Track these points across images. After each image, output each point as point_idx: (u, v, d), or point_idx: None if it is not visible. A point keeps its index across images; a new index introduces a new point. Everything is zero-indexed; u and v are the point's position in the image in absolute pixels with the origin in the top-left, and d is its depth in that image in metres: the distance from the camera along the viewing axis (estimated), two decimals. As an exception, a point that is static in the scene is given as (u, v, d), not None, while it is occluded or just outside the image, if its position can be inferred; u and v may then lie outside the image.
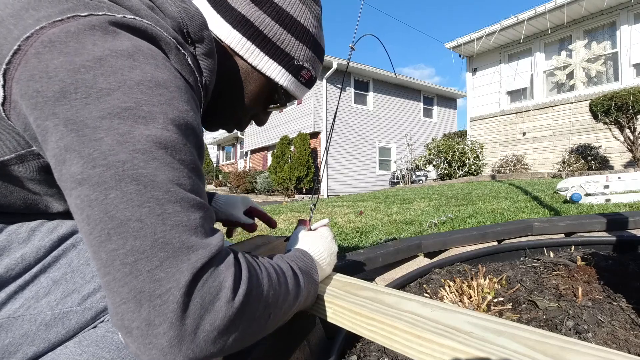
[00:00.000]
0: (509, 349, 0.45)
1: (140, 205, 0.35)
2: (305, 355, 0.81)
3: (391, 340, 0.54)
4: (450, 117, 17.31)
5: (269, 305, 0.44)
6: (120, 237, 0.34)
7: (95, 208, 0.34)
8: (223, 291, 0.37)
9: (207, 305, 0.35)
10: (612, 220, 1.51)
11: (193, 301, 0.34)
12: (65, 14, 0.39)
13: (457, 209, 3.04)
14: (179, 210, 0.36)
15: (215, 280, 0.36)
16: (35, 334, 0.44)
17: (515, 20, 8.42)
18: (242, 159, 20.82)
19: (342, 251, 1.71)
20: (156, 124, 0.38)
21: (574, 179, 3.03)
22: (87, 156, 0.35)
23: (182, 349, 0.34)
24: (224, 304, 0.36)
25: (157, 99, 0.39)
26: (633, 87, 6.04)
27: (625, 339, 0.75)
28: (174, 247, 0.35)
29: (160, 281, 0.34)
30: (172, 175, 0.37)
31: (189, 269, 0.35)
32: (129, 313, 0.33)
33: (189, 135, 0.41)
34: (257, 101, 0.67)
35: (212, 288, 0.36)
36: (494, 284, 1.05)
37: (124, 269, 0.33)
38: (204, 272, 0.36)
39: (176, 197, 0.36)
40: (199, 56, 0.54)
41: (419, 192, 5.75)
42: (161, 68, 0.41)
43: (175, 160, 0.38)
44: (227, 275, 0.38)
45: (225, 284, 0.37)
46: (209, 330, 0.35)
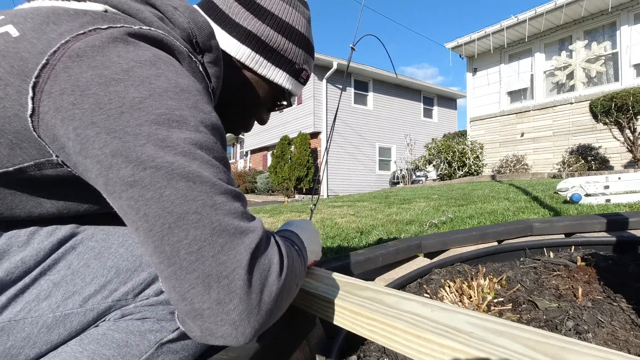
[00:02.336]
0: (509, 349, 0.45)
1: (194, 199, 0.38)
2: (305, 355, 0.81)
3: (391, 340, 0.54)
4: (451, 118, 17.31)
5: (297, 277, 0.50)
6: (181, 229, 0.37)
7: (152, 206, 0.37)
8: (273, 266, 0.41)
9: (264, 280, 0.40)
10: (612, 221, 1.51)
11: (254, 277, 0.39)
12: (86, 27, 0.41)
13: (457, 209, 3.04)
14: (226, 200, 0.40)
15: (266, 258, 0.41)
16: (37, 336, 0.44)
17: (515, 20, 8.42)
18: (242, 158, 20.83)
19: (342, 251, 1.70)
20: (189, 126, 0.41)
21: (574, 180, 3.03)
22: (136, 159, 0.37)
23: (251, 320, 0.39)
24: (275, 278, 0.41)
25: (184, 104, 0.42)
26: (633, 88, 6.04)
27: (625, 339, 0.75)
28: (229, 232, 0.38)
29: (225, 263, 0.37)
30: (213, 171, 0.40)
31: (247, 250, 0.39)
32: (199, 296, 0.37)
33: (217, 134, 0.45)
34: (265, 105, 0.72)
35: (265, 265, 0.41)
36: (494, 284, 1.05)
37: (190, 257, 0.36)
38: (258, 251, 0.40)
39: (221, 189, 0.40)
40: (207, 64, 0.57)
41: (419, 192, 5.75)
42: (181, 74, 0.44)
43: (211, 158, 0.41)
44: (273, 253, 0.43)
45: (274, 260, 0.42)
46: (267, 301, 0.40)
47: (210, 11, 0.65)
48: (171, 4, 0.54)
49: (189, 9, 0.55)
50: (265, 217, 3.92)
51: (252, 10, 0.64)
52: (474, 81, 10.09)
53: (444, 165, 9.48)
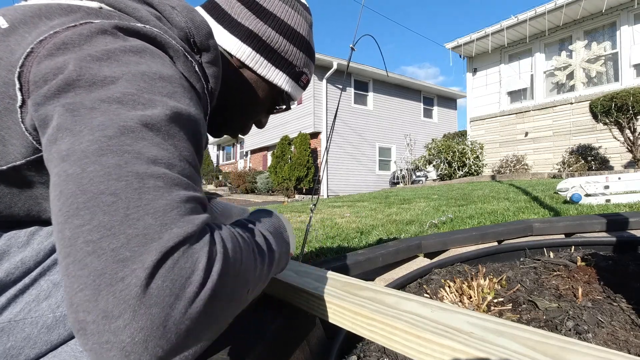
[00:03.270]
0: (509, 349, 0.45)
1: (118, 178, 0.32)
2: (305, 355, 0.81)
3: (391, 340, 0.54)
4: (451, 118, 17.31)
5: (248, 282, 0.40)
6: (88, 211, 0.30)
7: (70, 183, 0.31)
8: (196, 273, 0.31)
9: (177, 291, 0.30)
10: (612, 221, 1.51)
11: (161, 286, 0.29)
12: (78, 21, 0.40)
13: (457, 209, 3.04)
14: (161, 185, 0.33)
15: (187, 261, 0.31)
16: (37, 337, 0.44)
17: (515, 20, 8.43)
18: (242, 159, 20.83)
19: (342, 251, 1.70)
20: (154, 109, 0.37)
21: (574, 180, 3.03)
22: (78, 133, 0.33)
23: (149, 346, 0.28)
24: (195, 289, 0.31)
25: (159, 90, 0.39)
26: (633, 88, 6.04)
27: (625, 340, 0.75)
28: (145, 224, 0.31)
29: (125, 262, 0.29)
30: (161, 155, 0.35)
31: (158, 248, 0.30)
32: (85, 303, 0.28)
33: (188, 127, 0.41)
34: (263, 107, 0.72)
35: (184, 270, 0.31)
36: (494, 285, 1.05)
37: (87, 247, 0.29)
38: (175, 251, 0.31)
39: (159, 172, 0.34)
40: (205, 64, 0.56)
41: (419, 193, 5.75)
42: (167, 66, 0.42)
43: (166, 143, 0.37)
44: (201, 255, 0.32)
45: (199, 265, 0.32)
46: (179, 320, 0.30)
47: (212, 10, 0.65)
48: (169, 3, 0.53)
49: (186, 9, 0.54)
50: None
51: (254, 10, 0.65)
52: (474, 81, 10.09)
53: (444, 166, 9.48)
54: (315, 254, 1.67)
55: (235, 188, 15.29)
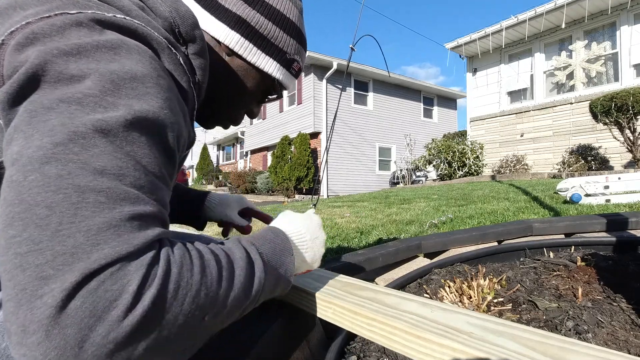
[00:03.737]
0: (509, 349, 0.45)
1: (56, 190, 0.31)
2: (305, 355, 0.81)
3: (391, 340, 0.54)
4: (451, 118, 17.31)
5: (202, 307, 0.37)
6: (22, 222, 0.30)
7: (12, 190, 0.31)
8: (123, 296, 0.30)
9: (99, 313, 0.29)
10: (612, 221, 1.51)
11: (80, 306, 0.28)
12: (53, 11, 0.38)
13: (457, 209, 3.04)
14: (102, 201, 0.32)
15: (115, 284, 0.30)
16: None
17: (515, 20, 8.43)
18: (242, 159, 20.83)
19: (342, 251, 1.70)
20: (114, 113, 0.35)
21: (574, 180, 3.03)
22: (29, 136, 0.32)
23: None
24: (121, 313, 0.30)
25: (125, 92, 0.37)
26: (633, 88, 6.04)
27: (625, 340, 0.75)
28: (75, 241, 0.30)
29: (46, 279, 0.28)
30: (111, 164, 0.34)
31: (82, 268, 0.29)
32: (9, 314, 0.29)
33: (154, 133, 0.39)
34: (254, 96, 0.69)
35: (110, 292, 0.30)
36: (493, 285, 1.05)
37: (15, 259, 0.29)
38: (101, 272, 0.30)
39: (103, 186, 0.32)
40: (191, 55, 0.54)
41: (419, 193, 5.75)
42: (144, 63, 0.40)
43: (121, 150, 0.35)
44: (133, 278, 0.31)
45: (128, 288, 0.31)
46: (100, 343, 0.29)
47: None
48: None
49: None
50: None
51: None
52: (473, 81, 10.10)
53: (444, 166, 9.48)
54: (315, 254, 1.66)
55: (235, 188, 15.29)
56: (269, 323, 0.70)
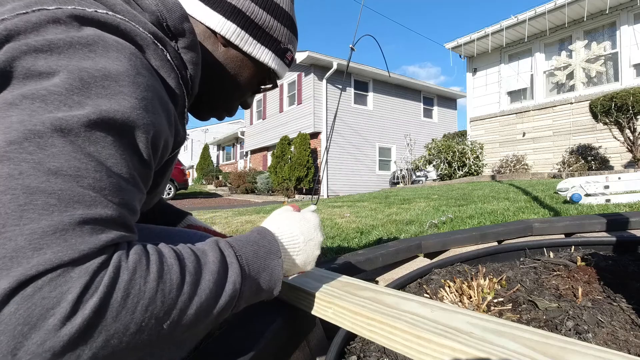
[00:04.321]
0: (509, 349, 0.45)
1: (4, 191, 0.30)
2: (305, 355, 0.81)
3: (391, 340, 0.54)
4: (450, 118, 17.31)
5: (158, 315, 0.35)
6: None
7: None
8: (62, 305, 0.29)
9: (34, 321, 0.28)
10: (612, 221, 1.51)
11: (13, 313, 0.28)
12: (30, 7, 0.37)
13: (457, 209, 3.04)
14: (53, 203, 0.31)
15: (53, 291, 0.29)
16: None
17: (515, 20, 8.43)
18: (242, 159, 20.83)
19: (342, 251, 1.70)
20: (78, 112, 0.34)
21: (574, 179, 3.03)
22: None
23: None
24: (57, 322, 0.29)
25: (96, 91, 0.36)
26: (633, 88, 6.04)
27: (626, 340, 0.75)
28: (16, 245, 0.29)
29: None
30: (68, 165, 0.33)
31: (18, 274, 0.28)
32: None
33: (123, 134, 0.37)
34: (250, 86, 0.69)
35: (47, 300, 0.29)
36: (493, 285, 1.05)
37: None
38: (39, 278, 0.29)
39: (57, 188, 0.31)
40: (182, 50, 0.53)
41: (419, 193, 5.75)
42: (122, 61, 0.39)
43: (81, 151, 0.34)
44: (73, 286, 0.30)
45: (67, 296, 0.29)
46: (35, 352, 0.28)
47: None
48: None
49: None
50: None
51: None
52: (473, 81, 10.10)
53: (444, 166, 9.48)
54: (315, 254, 1.66)
55: (235, 188, 15.29)
56: (269, 323, 0.70)
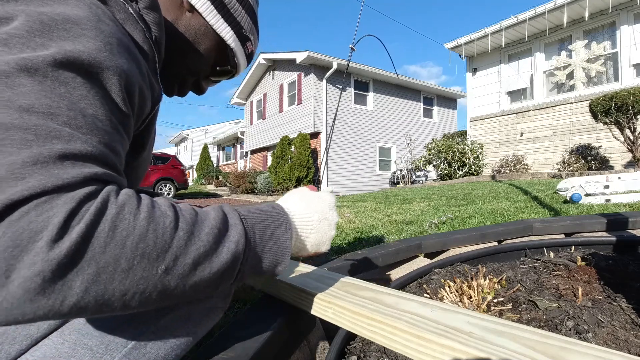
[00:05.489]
0: (509, 349, 0.45)
1: None
2: (305, 355, 0.81)
3: (391, 340, 0.54)
4: (450, 118, 17.31)
5: (151, 256, 0.35)
6: None
7: None
8: (48, 228, 0.29)
9: (23, 244, 0.29)
10: (612, 221, 1.51)
11: (1, 236, 0.28)
12: None
13: (457, 209, 3.04)
14: (31, 138, 0.31)
15: (40, 215, 0.30)
16: (15, 331, 0.42)
17: (515, 20, 8.43)
18: (242, 159, 20.83)
19: (342, 251, 1.70)
20: (43, 53, 0.34)
21: (574, 179, 3.03)
22: None
23: None
24: (45, 244, 0.29)
25: (58, 33, 0.36)
26: (633, 87, 6.04)
27: (626, 339, 0.75)
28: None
29: None
30: (39, 103, 0.33)
31: (3, 199, 0.29)
32: None
33: (92, 75, 0.37)
34: (207, 61, 0.70)
35: (34, 223, 0.29)
36: (494, 284, 1.05)
37: None
38: (25, 204, 0.29)
39: (31, 123, 0.32)
40: (143, 10, 0.53)
41: (419, 193, 5.75)
42: (82, 8, 0.39)
43: (52, 90, 0.34)
44: (59, 211, 0.30)
45: (54, 219, 0.30)
46: (27, 275, 0.29)
47: None
48: None
49: None
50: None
51: None
52: (473, 81, 10.10)
53: (444, 165, 9.48)
54: (315, 254, 1.66)
55: (235, 188, 15.29)
56: (269, 323, 0.70)
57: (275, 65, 15.36)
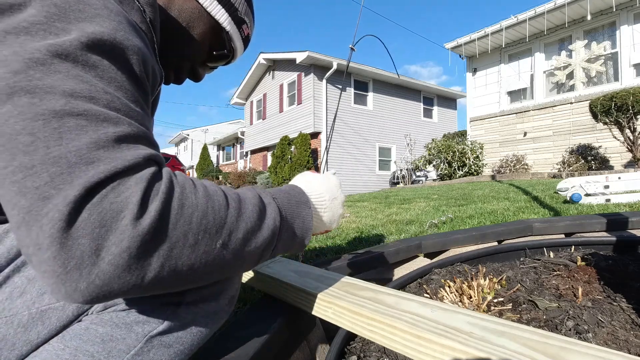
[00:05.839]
0: (509, 349, 0.45)
1: (34, 118, 0.31)
2: (305, 356, 0.81)
3: (391, 340, 0.54)
4: (450, 118, 17.31)
5: (211, 230, 0.37)
6: (8, 153, 0.30)
7: None
8: (129, 207, 0.31)
9: (108, 224, 0.30)
10: (612, 221, 1.51)
11: (87, 218, 0.30)
12: None
13: (457, 209, 3.04)
14: (84, 123, 0.32)
15: (119, 196, 0.31)
16: (14, 337, 0.41)
17: (515, 20, 8.43)
18: (242, 159, 20.82)
19: (342, 251, 1.70)
20: (67, 36, 0.34)
21: (574, 179, 3.03)
22: None
23: (83, 273, 0.30)
24: (129, 222, 0.31)
25: (74, 15, 0.36)
26: (633, 87, 6.04)
27: (626, 339, 0.75)
28: (69, 161, 0.31)
29: (49, 198, 0.30)
30: (80, 88, 0.33)
31: (82, 184, 0.30)
32: (24, 239, 0.30)
33: (115, 55, 0.38)
34: (203, 44, 0.68)
35: (115, 204, 0.31)
36: (494, 284, 1.05)
37: (13, 187, 0.30)
38: (103, 186, 0.31)
39: (80, 109, 0.32)
40: None
41: (419, 192, 5.75)
42: None
43: (87, 74, 0.34)
44: (134, 191, 0.32)
45: (132, 199, 0.32)
46: (116, 252, 0.31)
47: None
48: None
49: None
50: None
51: None
52: (473, 81, 10.09)
53: (444, 165, 9.48)
54: (315, 254, 1.67)
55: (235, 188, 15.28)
56: (269, 323, 0.70)
57: (275, 65, 15.36)
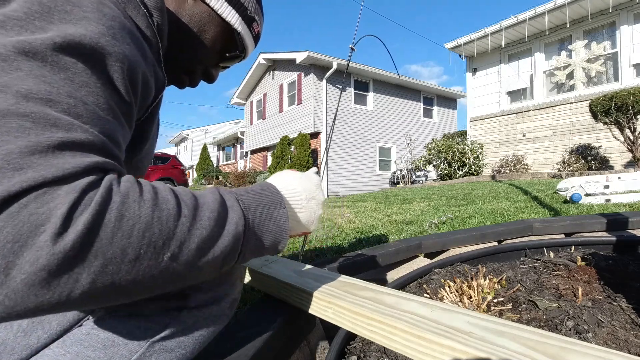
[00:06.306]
0: (509, 349, 0.45)
1: None
2: (305, 355, 0.81)
3: (391, 340, 0.54)
4: (450, 118, 17.31)
5: (156, 244, 0.34)
6: None
7: None
8: (51, 220, 0.28)
9: (23, 239, 0.27)
10: (612, 221, 1.51)
11: (1, 231, 0.27)
12: None
13: (457, 209, 3.04)
14: (28, 126, 0.30)
15: (41, 207, 0.28)
16: (14, 341, 0.41)
17: (515, 20, 8.43)
18: (242, 159, 20.82)
19: (342, 251, 1.70)
20: (42, 36, 0.33)
21: (574, 179, 3.03)
22: None
23: None
24: (49, 238, 0.28)
25: (59, 16, 0.35)
26: (633, 87, 6.04)
27: (626, 339, 0.75)
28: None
29: None
30: (38, 88, 0.31)
31: (1, 191, 0.27)
32: None
33: (94, 61, 0.36)
34: (215, 47, 0.67)
35: (35, 216, 0.28)
36: (494, 284, 1.05)
37: None
38: (24, 195, 0.28)
39: (28, 111, 0.30)
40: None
41: (419, 193, 5.75)
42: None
43: (51, 75, 0.33)
44: (61, 202, 0.29)
45: (57, 211, 0.28)
46: (30, 271, 0.27)
47: None
48: None
49: None
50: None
51: None
52: (473, 81, 10.09)
53: (444, 165, 9.48)
54: (315, 254, 1.67)
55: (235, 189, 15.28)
56: (269, 323, 0.70)
57: (275, 65, 15.36)
